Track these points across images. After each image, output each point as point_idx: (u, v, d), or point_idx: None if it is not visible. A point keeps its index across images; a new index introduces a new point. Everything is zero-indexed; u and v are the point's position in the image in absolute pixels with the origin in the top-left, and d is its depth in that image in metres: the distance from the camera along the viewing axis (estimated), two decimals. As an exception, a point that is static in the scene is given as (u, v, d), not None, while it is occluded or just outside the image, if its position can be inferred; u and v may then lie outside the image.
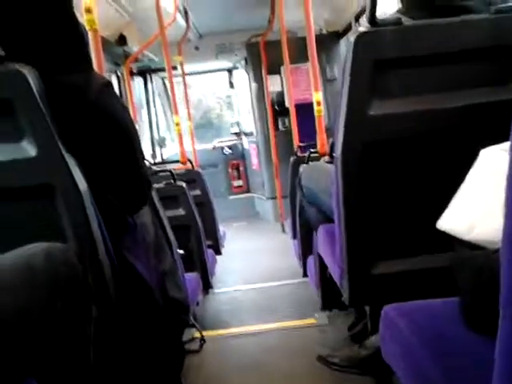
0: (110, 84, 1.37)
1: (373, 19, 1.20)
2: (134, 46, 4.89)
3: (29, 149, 1.17)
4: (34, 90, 1.13)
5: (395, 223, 1.39)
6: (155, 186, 2.34)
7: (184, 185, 2.89)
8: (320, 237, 1.89)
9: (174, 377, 1.53)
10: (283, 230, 5.05)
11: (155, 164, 4.32)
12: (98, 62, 2.09)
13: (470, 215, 1.04)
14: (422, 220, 1.37)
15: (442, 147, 1.30)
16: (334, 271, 1.60)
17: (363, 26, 1.24)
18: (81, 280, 1.02)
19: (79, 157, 1.23)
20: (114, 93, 1.39)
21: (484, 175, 1.06)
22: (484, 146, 1.06)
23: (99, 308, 1.26)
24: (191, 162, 3.55)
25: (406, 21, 1.25)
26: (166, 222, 2.17)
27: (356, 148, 1.28)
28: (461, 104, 1.24)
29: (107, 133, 1.29)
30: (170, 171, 2.90)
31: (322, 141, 2.81)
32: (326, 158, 2.22)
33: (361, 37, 1.21)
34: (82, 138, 1.24)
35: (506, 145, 1.02)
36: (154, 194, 2.16)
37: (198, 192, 3.47)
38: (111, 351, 1.30)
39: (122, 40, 4.63)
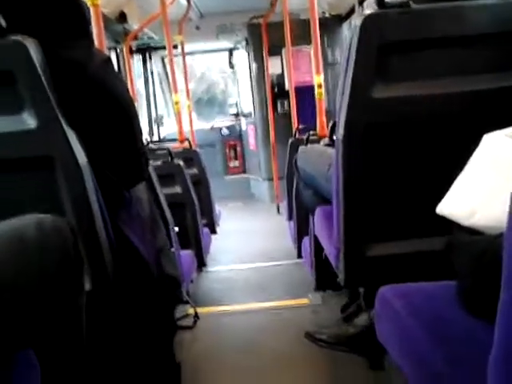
0: (109, 60, 1.37)
1: (381, 1, 1.19)
2: (134, 24, 4.84)
3: (29, 121, 1.16)
4: (36, 62, 1.12)
5: (393, 206, 1.40)
6: (153, 163, 2.34)
7: (181, 163, 2.89)
8: (317, 218, 1.89)
9: (166, 351, 1.54)
10: (278, 212, 5.07)
11: (152, 142, 4.31)
12: (99, 38, 2.07)
13: (470, 200, 1.04)
14: (419, 203, 1.38)
15: (444, 132, 1.29)
16: (330, 252, 1.61)
17: (370, 7, 1.22)
18: (72, 251, 1.02)
19: (78, 130, 1.23)
20: (114, 69, 1.39)
21: (486, 160, 1.05)
22: (488, 132, 1.06)
23: (95, 281, 1.28)
24: (189, 141, 3.54)
25: (412, 4, 1.24)
26: (162, 200, 2.18)
27: (358, 130, 1.28)
28: (466, 89, 1.24)
29: (105, 108, 1.30)
30: (168, 149, 2.90)
31: (321, 123, 2.81)
32: (326, 140, 2.21)
33: (368, 18, 1.20)
34: (81, 112, 1.25)
35: (509, 130, 1.02)
36: (151, 171, 2.17)
37: (194, 171, 3.47)
38: (105, 323, 1.31)
39: (122, 17, 4.58)
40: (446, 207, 1.11)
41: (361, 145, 1.30)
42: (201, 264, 3.05)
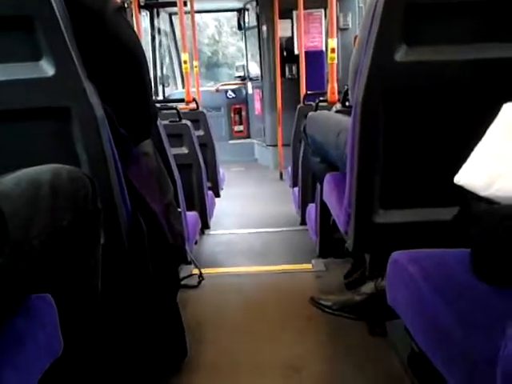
0: (123, 8, 1.35)
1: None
2: (142, -23, 4.73)
3: (46, 69, 1.15)
4: (55, 7, 1.09)
5: (408, 173, 1.39)
6: (161, 122, 2.31)
7: (189, 123, 2.86)
8: (326, 185, 1.89)
9: (170, 307, 1.56)
10: (281, 178, 5.07)
11: (158, 102, 4.26)
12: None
13: (489, 171, 1.04)
14: (434, 172, 1.38)
15: (465, 99, 1.28)
16: (339, 218, 1.61)
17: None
18: (90, 201, 1.03)
19: (92, 80, 1.22)
20: (126, 18, 1.37)
21: (506, 129, 1.04)
22: (508, 101, 1.04)
23: (109, 234, 1.28)
24: (196, 102, 3.50)
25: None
26: (171, 159, 2.17)
27: (378, 94, 1.26)
28: (490, 56, 1.21)
29: (119, 56, 1.28)
30: (176, 109, 2.87)
31: (332, 89, 2.78)
32: (338, 106, 2.19)
33: (396, -21, 1.17)
34: (95, 60, 1.23)
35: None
36: (161, 129, 2.16)
37: (201, 133, 3.44)
38: (116, 275, 1.32)
39: (131, -30, 4.47)
40: (464, 177, 1.10)
41: (379, 109, 1.28)
42: (204, 226, 3.06)
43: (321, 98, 2.84)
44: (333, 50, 2.77)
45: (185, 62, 3.71)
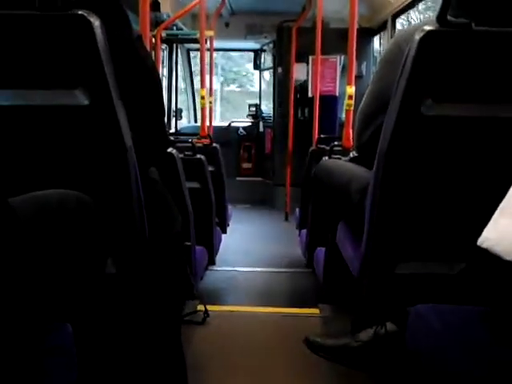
0: (141, 38, 1.42)
1: (443, 19, 1.18)
2: (165, 13, 4.84)
3: (81, 97, 1.16)
4: (97, 38, 1.12)
5: (426, 227, 1.39)
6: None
7: (203, 158, 2.88)
8: (340, 230, 1.89)
9: (172, 343, 1.54)
10: (286, 219, 5.06)
11: (172, 134, 4.31)
12: (144, 23, 2.06)
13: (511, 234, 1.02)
14: (455, 227, 1.37)
15: (490, 157, 1.28)
16: (354, 266, 1.60)
17: (431, 25, 1.21)
18: (93, 229, 1.04)
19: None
20: (145, 46, 1.45)
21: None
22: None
23: (122, 264, 1.28)
24: (210, 137, 3.54)
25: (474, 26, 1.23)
26: (185, 192, 2.18)
27: (403, 145, 1.28)
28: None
29: (142, 78, 1.33)
30: (192, 143, 2.89)
31: (347, 135, 2.80)
32: (355, 153, 2.20)
33: (429, 34, 1.19)
34: (121, 84, 1.25)
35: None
36: (178, 162, 2.17)
37: (212, 168, 3.45)
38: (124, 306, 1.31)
39: (155, 5, 4.58)
40: (487, 240, 1.08)
41: (404, 160, 1.29)
42: (210, 262, 3.05)
43: (335, 143, 2.86)
44: (350, 97, 2.81)
45: (202, 98, 3.77)
